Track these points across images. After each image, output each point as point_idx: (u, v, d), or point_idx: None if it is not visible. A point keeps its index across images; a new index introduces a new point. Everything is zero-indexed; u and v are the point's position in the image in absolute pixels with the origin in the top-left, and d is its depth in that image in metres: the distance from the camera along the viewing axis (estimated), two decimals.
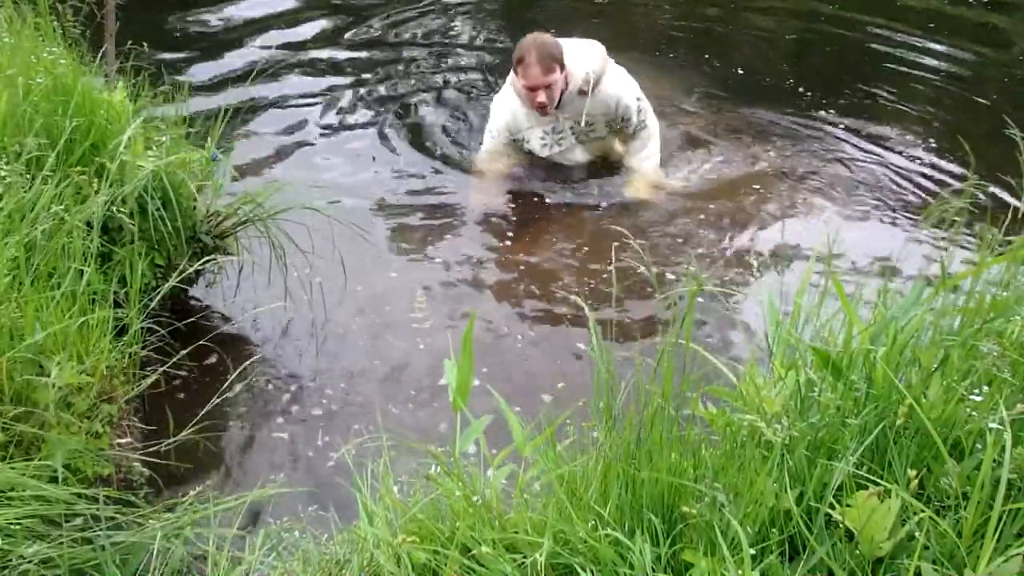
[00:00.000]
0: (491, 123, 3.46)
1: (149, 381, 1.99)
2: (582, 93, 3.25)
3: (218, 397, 1.97)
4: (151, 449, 1.89)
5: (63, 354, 1.76)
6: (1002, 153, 2.13)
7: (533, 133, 3.39)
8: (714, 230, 3.19)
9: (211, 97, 3.80)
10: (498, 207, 3.32)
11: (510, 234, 3.15)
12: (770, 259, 3.05)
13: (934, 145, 3.95)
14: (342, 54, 4.63)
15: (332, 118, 3.94)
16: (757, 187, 3.48)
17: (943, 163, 3.78)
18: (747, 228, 3.22)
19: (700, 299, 2.64)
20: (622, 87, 3.35)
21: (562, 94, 3.24)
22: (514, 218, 3.25)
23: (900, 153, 3.85)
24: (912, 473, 1.18)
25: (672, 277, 2.91)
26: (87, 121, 2.19)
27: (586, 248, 3.04)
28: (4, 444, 1.62)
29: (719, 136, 3.93)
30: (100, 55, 2.66)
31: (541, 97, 3.17)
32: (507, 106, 3.39)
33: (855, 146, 3.90)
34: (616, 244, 2.85)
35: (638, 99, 3.38)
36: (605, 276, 2.86)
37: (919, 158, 3.81)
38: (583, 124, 3.35)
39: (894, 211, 3.40)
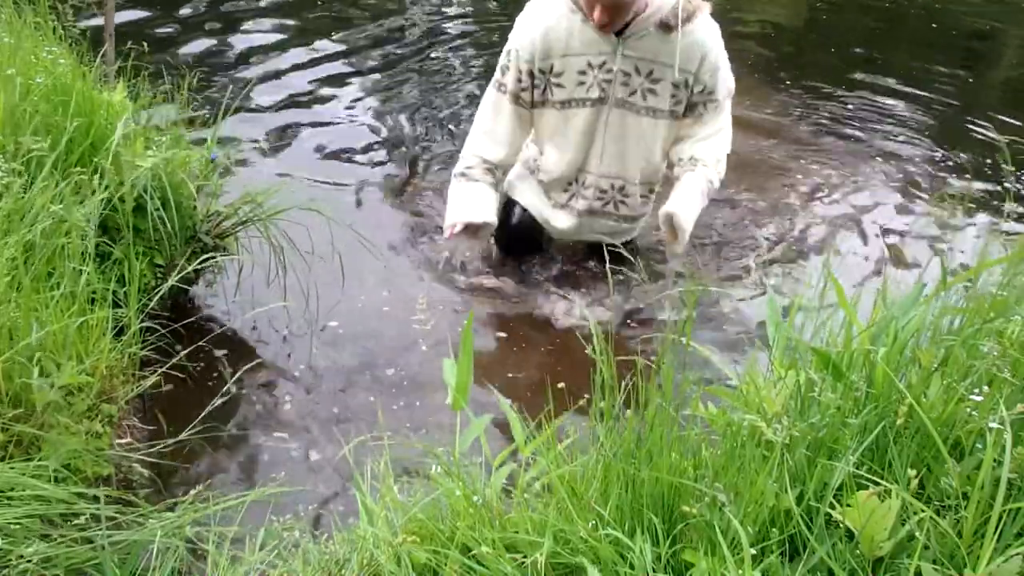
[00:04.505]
0: (509, 45, 2.49)
1: (149, 381, 1.98)
2: (664, 28, 2.35)
3: (219, 397, 1.97)
4: (151, 449, 1.89)
5: (63, 353, 1.76)
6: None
7: (571, 63, 2.41)
8: (713, 228, 3.19)
9: (211, 97, 3.80)
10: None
11: None
12: (770, 257, 3.05)
13: (939, 137, 3.96)
14: (344, 52, 4.62)
15: (334, 116, 3.93)
16: (757, 183, 3.48)
17: (947, 157, 3.79)
18: (747, 225, 3.22)
19: (700, 298, 2.63)
20: (716, 39, 2.44)
21: (633, 19, 2.35)
22: None
23: (903, 145, 3.86)
24: (912, 473, 1.18)
25: (673, 276, 2.91)
26: (87, 121, 2.19)
27: (587, 248, 3.04)
28: (3, 444, 1.62)
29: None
30: (100, 55, 2.66)
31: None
32: (540, 19, 2.42)
33: (855, 137, 3.90)
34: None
35: (728, 68, 2.52)
36: (605, 275, 2.86)
37: (922, 152, 3.81)
38: (645, 73, 2.40)
39: (895, 207, 3.40)
